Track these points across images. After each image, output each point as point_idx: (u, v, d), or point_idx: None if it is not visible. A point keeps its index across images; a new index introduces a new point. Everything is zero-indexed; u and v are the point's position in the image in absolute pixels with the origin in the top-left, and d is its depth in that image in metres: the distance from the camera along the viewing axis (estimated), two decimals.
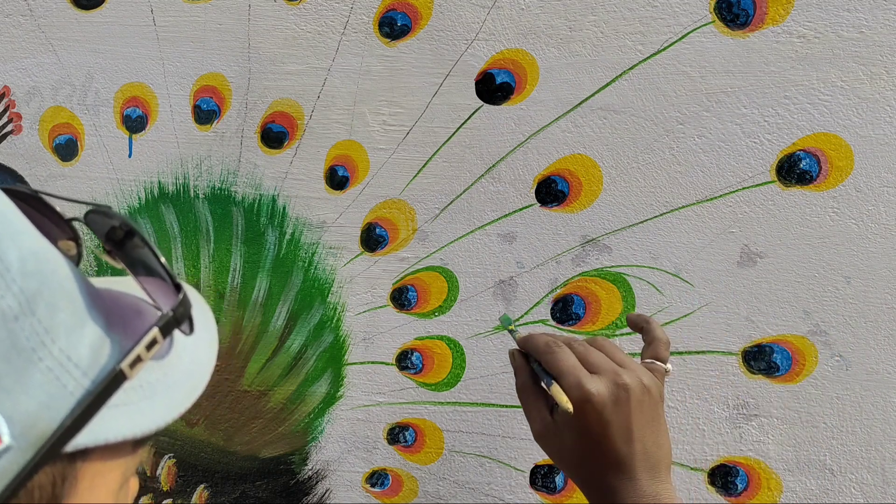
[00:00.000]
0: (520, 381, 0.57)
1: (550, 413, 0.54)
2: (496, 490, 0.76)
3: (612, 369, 0.52)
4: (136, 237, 0.36)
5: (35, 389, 0.29)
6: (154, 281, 0.36)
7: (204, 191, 0.79)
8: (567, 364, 0.53)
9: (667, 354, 0.56)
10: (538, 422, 0.55)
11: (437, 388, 0.76)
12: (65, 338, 0.31)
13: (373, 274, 0.77)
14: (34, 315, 0.29)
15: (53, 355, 0.30)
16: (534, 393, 0.56)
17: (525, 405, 0.57)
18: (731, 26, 0.66)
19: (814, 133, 0.66)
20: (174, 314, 0.33)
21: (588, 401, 0.50)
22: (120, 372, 0.31)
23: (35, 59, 0.80)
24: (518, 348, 0.58)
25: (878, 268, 0.67)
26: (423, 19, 0.72)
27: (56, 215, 0.38)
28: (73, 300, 0.32)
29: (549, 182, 0.71)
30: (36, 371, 0.29)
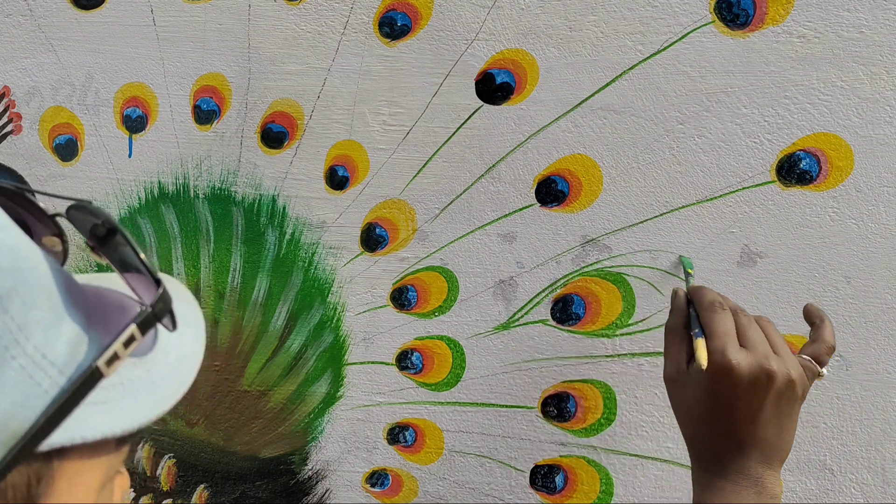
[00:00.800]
0: (671, 321, 0.57)
1: (687, 362, 0.54)
2: (496, 490, 0.76)
3: (763, 351, 0.51)
4: (118, 235, 0.35)
5: (8, 387, 0.28)
6: (139, 277, 0.36)
7: (204, 191, 0.79)
8: (721, 327, 0.52)
9: (827, 360, 0.56)
10: (673, 365, 0.55)
11: (437, 388, 0.76)
12: (40, 335, 0.30)
13: (373, 274, 0.77)
14: (6, 312, 0.29)
15: (27, 353, 0.29)
16: (680, 336, 0.56)
17: (667, 345, 0.56)
18: (731, 26, 0.66)
19: (814, 133, 0.66)
20: (153, 310, 0.33)
21: (726, 371, 0.50)
22: (96, 369, 0.31)
23: (35, 59, 0.80)
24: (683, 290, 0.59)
25: (879, 268, 0.67)
26: (423, 19, 0.72)
27: (40, 211, 0.38)
28: (50, 297, 0.31)
29: (550, 182, 0.71)
30: (9, 369, 0.29)
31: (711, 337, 0.52)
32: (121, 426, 0.32)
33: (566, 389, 0.74)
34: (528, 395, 0.74)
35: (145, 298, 0.36)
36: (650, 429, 0.72)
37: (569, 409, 0.74)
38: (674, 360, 0.55)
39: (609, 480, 0.74)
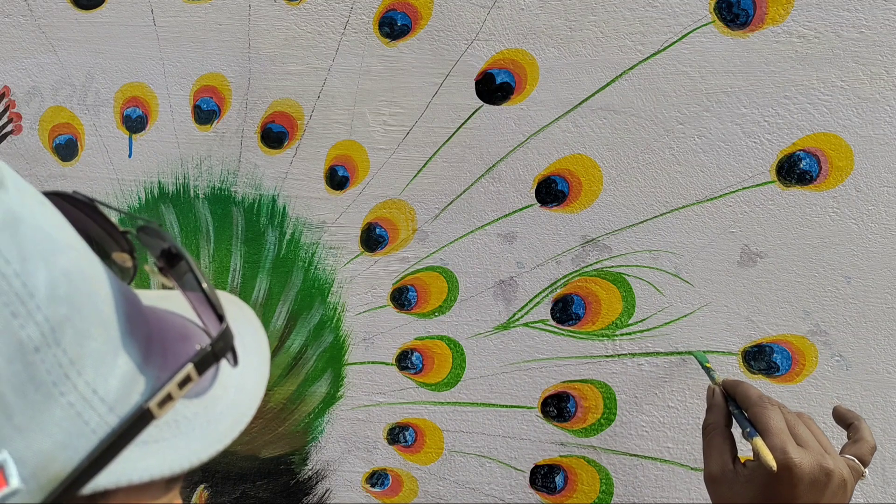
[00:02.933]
0: (711, 419, 0.57)
1: (732, 461, 0.54)
2: (496, 490, 0.76)
3: (818, 450, 0.51)
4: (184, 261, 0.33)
5: (52, 427, 0.26)
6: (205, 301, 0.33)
7: (204, 191, 0.79)
8: (777, 424, 0.52)
9: (870, 459, 0.56)
10: (717, 465, 0.54)
11: (437, 388, 0.76)
12: (92, 369, 0.28)
13: (373, 274, 0.77)
14: (59, 345, 0.26)
15: (77, 389, 0.27)
16: (722, 435, 0.55)
17: (708, 444, 0.56)
18: (731, 26, 0.66)
19: (814, 133, 0.66)
20: (212, 349, 0.30)
21: (788, 469, 0.49)
22: (147, 411, 0.28)
23: (35, 60, 0.80)
24: (716, 385, 0.58)
25: (879, 268, 0.67)
26: (423, 19, 0.72)
27: (112, 227, 0.36)
28: (107, 326, 0.29)
29: (550, 182, 0.71)
30: (55, 407, 0.26)
31: (768, 434, 0.52)
32: (170, 467, 0.29)
33: (566, 389, 0.74)
34: (528, 395, 0.74)
35: (209, 324, 0.34)
36: (650, 429, 0.72)
37: (569, 410, 0.74)
38: (717, 459, 0.55)
39: (609, 480, 0.74)
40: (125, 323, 0.30)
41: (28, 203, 0.28)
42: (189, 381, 0.29)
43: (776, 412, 0.53)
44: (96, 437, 0.27)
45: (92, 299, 0.29)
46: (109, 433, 0.28)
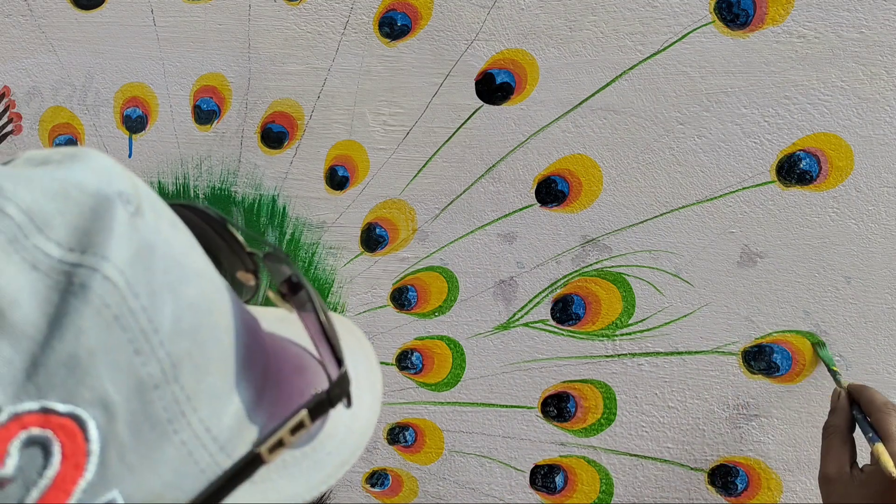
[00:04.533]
0: (834, 421, 0.57)
1: (850, 465, 0.54)
2: (496, 490, 0.76)
3: None
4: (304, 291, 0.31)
5: (163, 467, 0.25)
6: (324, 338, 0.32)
7: (204, 191, 0.79)
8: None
9: None
10: (834, 467, 0.55)
11: (437, 389, 0.76)
12: (208, 406, 0.27)
13: (373, 274, 0.77)
14: (177, 381, 0.26)
15: (191, 427, 0.26)
16: (842, 438, 0.56)
17: (828, 445, 0.56)
18: (731, 26, 0.66)
19: (814, 133, 0.66)
20: (328, 396, 0.29)
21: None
22: (257, 456, 0.27)
23: (35, 60, 0.80)
24: (842, 389, 0.59)
25: (879, 268, 0.67)
26: (423, 19, 0.72)
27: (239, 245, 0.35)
28: (225, 360, 0.28)
29: (550, 182, 0.71)
30: (168, 446, 0.25)
31: (889, 440, 0.52)
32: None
33: (566, 389, 0.74)
34: (528, 396, 0.74)
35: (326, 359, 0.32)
36: (650, 429, 0.72)
37: (569, 410, 0.74)
38: (835, 461, 0.55)
39: (609, 480, 0.74)
40: (244, 356, 0.29)
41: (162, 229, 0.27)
42: (302, 427, 0.28)
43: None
44: (205, 477, 0.27)
45: (214, 332, 0.28)
46: (219, 476, 0.27)
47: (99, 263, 0.24)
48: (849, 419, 0.57)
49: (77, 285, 0.24)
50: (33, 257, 0.24)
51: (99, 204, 0.25)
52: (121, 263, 0.25)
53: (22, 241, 0.24)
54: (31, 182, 0.25)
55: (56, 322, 0.23)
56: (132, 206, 0.26)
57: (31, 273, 0.24)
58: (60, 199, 0.25)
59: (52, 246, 0.24)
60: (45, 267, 0.24)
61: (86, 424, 0.24)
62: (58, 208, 0.25)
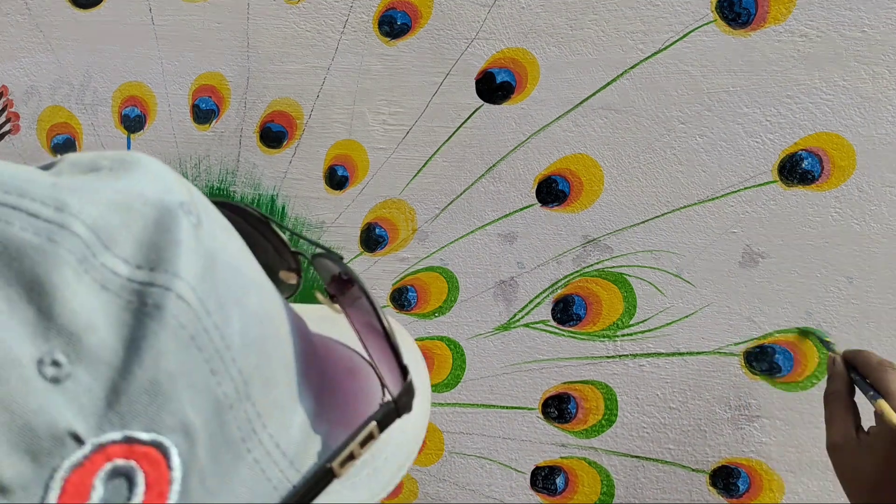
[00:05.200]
0: (833, 387, 0.56)
1: (855, 429, 0.53)
2: (496, 492, 0.76)
3: None
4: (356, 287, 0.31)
5: (239, 487, 0.25)
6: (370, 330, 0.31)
7: (203, 191, 0.79)
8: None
9: None
10: (840, 433, 0.54)
11: (437, 390, 0.76)
12: (276, 421, 0.26)
13: (372, 274, 0.76)
14: (249, 399, 0.25)
15: (263, 444, 0.25)
16: (845, 404, 0.55)
17: (830, 413, 0.56)
18: (732, 25, 0.66)
19: (816, 132, 0.66)
20: (396, 406, 0.28)
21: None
22: (329, 471, 0.27)
23: (33, 59, 0.80)
24: (839, 355, 0.58)
25: (881, 268, 0.66)
26: (423, 18, 0.71)
27: (282, 244, 0.34)
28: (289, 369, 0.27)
29: (550, 182, 0.71)
30: (243, 465, 0.25)
31: (891, 397, 0.51)
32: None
33: (567, 390, 0.73)
34: (529, 397, 0.74)
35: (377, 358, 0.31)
36: (651, 430, 0.72)
37: (570, 411, 0.73)
38: (840, 427, 0.54)
39: (610, 482, 0.73)
40: (302, 362, 0.29)
41: (219, 237, 0.26)
42: (371, 438, 0.28)
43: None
44: (277, 494, 0.26)
45: (277, 340, 0.27)
46: (291, 491, 0.26)
47: (171, 282, 0.23)
48: (848, 384, 0.56)
49: (151, 306, 0.23)
50: (103, 277, 0.23)
51: (162, 216, 0.24)
52: (192, 280, 0.24)
53: (91, 260, 0.23)
54: (95, 195, 0.24)
55: (133, 346, 0.22)
56: (194, 217, 0.25)
57: (102, 294, 0.23)
58: (124, 211, 0.24)
59: (119, 264, 0.23)
60: (116, 287, 0.23)
61: (169, 452, 0.23)
62: (122, 222, 0.24)
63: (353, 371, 0.32)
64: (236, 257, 0.27)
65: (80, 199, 0.23)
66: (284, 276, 0.35)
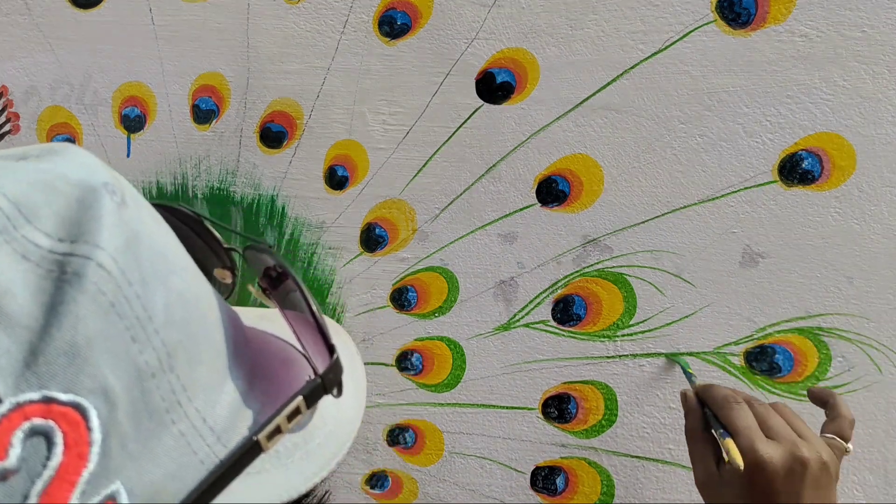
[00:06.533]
0: (690, 425, 0.56)
1: (717, 464, 0.53)
2: (497, 492, 0.76)
3: (791, 439, 0.50)
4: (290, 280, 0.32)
5: (163, 457, 0.25)
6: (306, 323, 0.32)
7: (202, 191, 0.79)
8: (744, 423, 0.51)
9: (851, 433, 0.55)
10: (702, 470, 0.54)
11: (437, 390, 0.76)
12: (202, 396, 0.27)
13: (372, 274, 0.76)
14: (173, 371, 0.26)
15: (188, 417, 0.26)
16: (702, 439, 0.55)
17: (691, 450, 0.56)
18: (732, 25, 0.66)
19: (816, 132, 0.66)
20: (322, 381, 0.29)
21: (760, 466, 0.49)
22: (256, 443, 0.27)
23: (33, 58, 0.80)
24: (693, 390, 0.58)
25: (881, 268, 0.66)
26: (423, 18, 0.71)
27: (215, 242, 0.35)
28: (216, 351, 0.28)
29: (550, 182, 0.71)
30: (167, 436, 0.26)
31: (737, 434, 0.51)
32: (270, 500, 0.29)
33: (567, 391, 0.73)
34: (529, 397, 0.74)
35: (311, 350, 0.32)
36: (651, 430, 0.72)
37: (570, 411, 0.73)
38: (701, 464, 0.54)
39: (610, 482, 0.73)
40: (232, 347, 0.29)
41: (145, 220, 0.27)
42: (298, 413, 0.28)
43: (742, 409, 0.53)
44: (204, 468, 0.27)
45: (203, 322, 0.28)
46: (218, 465, 0.27)
47: (92, 252, 0.24)
48: (702, 419, 0.56)
49: (71, 274, 0.24)
50: (24, 248, 0.24)
51: (85, 194, 0.25)
52: (113, 251, 0.25)
53: (11, 231, 0.24)
54: (17, 174, 0.25)
55: (52, 311, 0.23)
56: (118, 197, 0.26)
57: (23, 263, 0.24)
58: (47, 190, 0.25)
59: (41, 236, 0.24)
60: (36, 257, 0.24)
61: (88, 413, 0.23)
62: (45, 199, 0.25)
63: (287, 361, 0.33)
64: (163, 243, 0.27)
65: (3, 176, 0.25)
66: (219, 274, 0.36)
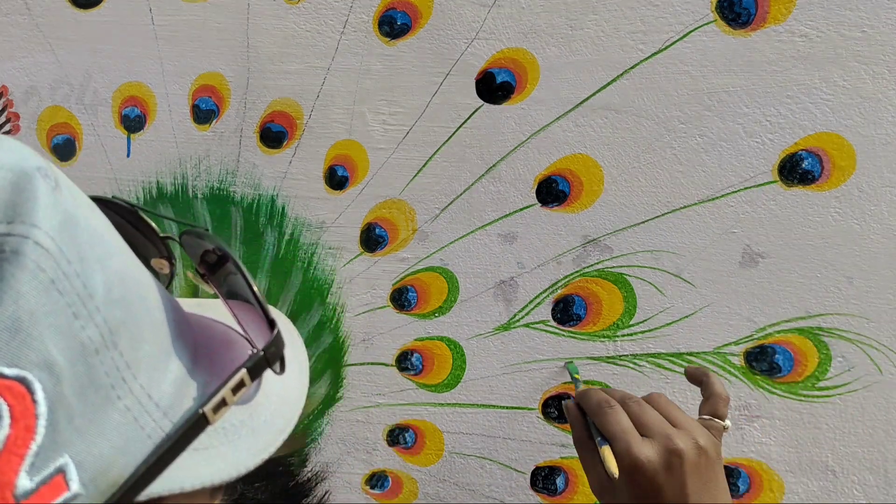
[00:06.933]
0: (576, 435, 0.56)
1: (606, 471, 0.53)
2: (497, 492, 0.76)
3: (664, 433, 0.50)
4: (230, 263, 0.33)
5: (111, 431, 0.26)
6: (246, 307, 0.33)
7: (202, 191, 0.79)
8: (618, 427, 0.51)
9: (725, 411, 0.55)
10: (594, 478, 0.54)
11: (437, 390, 0.76)
12: (146, 374, 0.28)
13: (372, 274, 0.76)
14: (116, 348, 0.26)
15: (133, 393, 0.27)
16: (590, 448, 0.55)
17: (582, 459, 0.55)
18: (732, 25, 0.66)
19: (816, 132, 0.66)
20: (265, 354, 0.30)
21: (638, 468, 0.49)
22: (202, 416, 0.28)
23: (33, 58, 0.80)
24: (572, 402, 0.57)
25: (881, 268, 0.66)
26: (423, 18, 0.71)
27: (151, 232, 0.36)
28: (158, 331, 0.29)
29: (550, 182, 0.71)
30: (113, 411, 0.26)
31: (613, 440, 0.51)
32: (219, 475, 0.29)
33: (567, 391, 0.73)
34: (529, 397, 0.74)
35: (252, 332, 0.34)
36: None
37: None
38: (592, 472, 0.54)
39: None
40: (174, 328, 0.30)
41: (81, 205, 0.28)
42: (242, 386, 0.29)
43: (615, 413, 0.53)
44: (151, 442, 0.27)
45: (144, 303, 0.28)
46: (164, 438, 0.27)
47: (29, 231, 0.25)
48: (585, 427, 0.56)
49: (9, 252, 0.24)
50: None
51: (19, 178, 0.25)
52: (50, 230, 0.25)
53: None
54: None
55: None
56: (51, 181, 0.26)
57: None
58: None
59: None
60: None
61: (33, 386, 0.24)
62: None
63: (228, 343, 0.34)
64: (98, 227, 0.28)
65: None
66: (157, 264, 0.37)
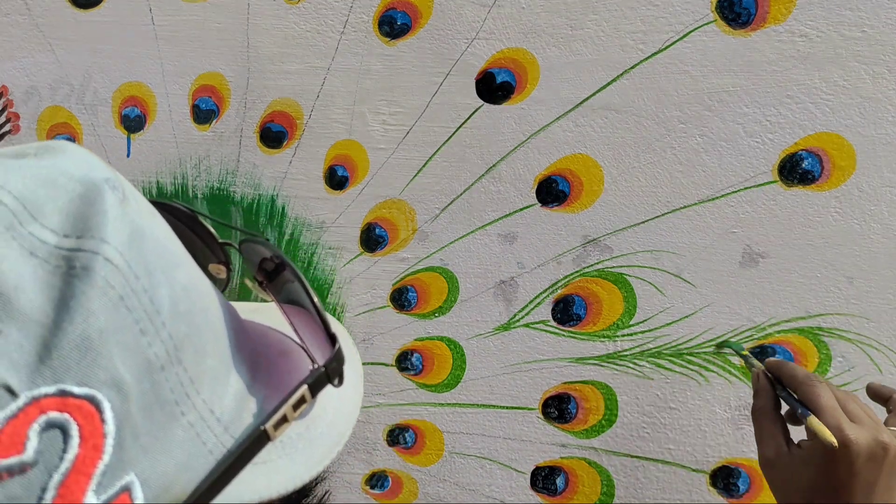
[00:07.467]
0: (760, 404, 0.56)
1: (787, 443, 0.53)
2: (497, 492, 0.76)
3: (872, 424, 0.51)
4: (287, 270, 0.32)
5: (174, 448, 0.26)
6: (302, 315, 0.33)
7: (202, 191, 0.79)
8: (829, 402, 0.51)
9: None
10: (772, 448, 0.54)
11: (437, 390, 0.76)
12: (209, 388, 0.27)
13: (372, 274, 0.76)
14: (180, 364, 0.26)
15: (197, 409, 0.27)
16: (773, 419, 0.55)
17: (759, 429, 0.55)
18: (732, 25, 0.66)
19: (816, 132, 0.66)
20: (326, 370, 0.30)
21: (846, 446, 0.49)
22: (264, 432, 0.28)
23: (33, 59, 0.80)
24: (762, 370, 0.57)
25: (881, 268, 0.66)
26: (423, 18, 0.71)
27: (210, 237, 0.36)
28: (220, 343, 0.29)
29: (550, 182, 0.71)
30: (177, 427, 0.26)
31: (821, 412, 0.51)
32: (277, 489, 0.29)
33: (567, 391, 0.73)
34: (529, 397, 0.74)
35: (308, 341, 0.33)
36: (651, 430, 0.72)
37: (570, 411, 0.73)
38: (771, 443, 0.54)
39: (610, 482, 0.73)
40: (234, 339, 0.30)
41: (145, 214, 0.28)
42: (303, 402, 0.29)
43: (825, 389, 0.53)
44: (213, 458, 0.27)
45: (206, 315, 0.28)
46: (226, 454, 0.27)
47: (99, 246, 0.25)
48: (773, 398, 0.56)
49: (79, 269, 0.24)
50: (31, 244, 0.24)
51: (88, 190, 0.25)
52: (119, 245, 0.25)
53: (18, 228, 0.24)
54: (19, 171, 0.25)
55: (63, 305, 0.24)
56: (119, 192, 0.26)
57: (31, 260, 0.24)
58: (50, 186, 0.25)
59: (47, 233, 0.25)
60: (44, 253, 0.24)
61: (101, 405, 0.24)
62: (49, 196, 0.25)
63: (285, 352, 0.34)
64: (162, 237, 0.28)
65: (6, 173, 0.25)
66: (214, 269, 0.37)
